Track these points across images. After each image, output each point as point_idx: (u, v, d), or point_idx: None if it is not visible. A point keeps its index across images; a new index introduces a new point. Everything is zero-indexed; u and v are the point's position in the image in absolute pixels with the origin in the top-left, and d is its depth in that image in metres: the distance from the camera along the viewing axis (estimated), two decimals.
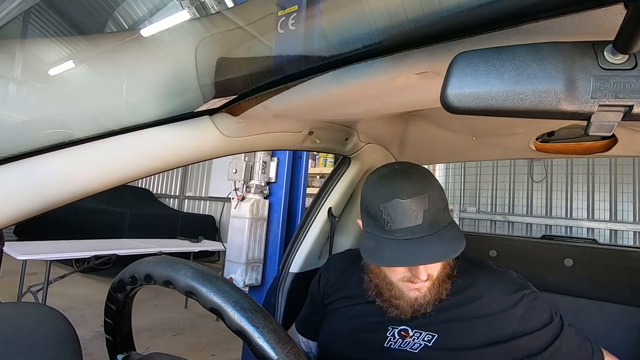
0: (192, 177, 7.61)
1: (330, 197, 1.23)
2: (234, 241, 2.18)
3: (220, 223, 6.37)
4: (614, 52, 0.32)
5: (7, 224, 0.56)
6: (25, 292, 2.91)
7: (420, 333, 0.78)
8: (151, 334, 3.10)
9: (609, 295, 0.92)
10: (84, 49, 1.03)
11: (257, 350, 0.40)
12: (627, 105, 0.32)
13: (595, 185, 3.94)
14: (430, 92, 0.55)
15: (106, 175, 0.63)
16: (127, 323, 0.60)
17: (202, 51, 0.66)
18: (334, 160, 4.08)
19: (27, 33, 4.76)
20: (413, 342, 0.77)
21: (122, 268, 0.54)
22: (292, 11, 0.55)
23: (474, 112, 0.36)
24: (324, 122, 0.94)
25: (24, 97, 1.11)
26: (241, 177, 2.20)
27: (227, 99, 0.64)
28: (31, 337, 0.40)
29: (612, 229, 3.81)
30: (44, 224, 5.41)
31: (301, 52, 0.57)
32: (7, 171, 0.55)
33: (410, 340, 0.78)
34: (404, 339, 0.78)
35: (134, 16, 5.97)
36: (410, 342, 0.78)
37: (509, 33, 0.40)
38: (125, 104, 0.71)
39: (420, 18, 0.43)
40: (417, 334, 0.78)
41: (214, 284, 0.44)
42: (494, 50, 0.35)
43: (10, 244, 3.13)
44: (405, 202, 0.70)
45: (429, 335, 0.77)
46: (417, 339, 0.77)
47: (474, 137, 1.18)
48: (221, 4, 4.28)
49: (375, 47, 0.47)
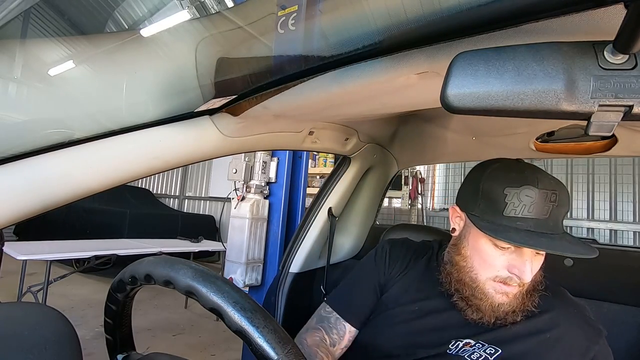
0: (192, 177, 7.61)
1: (330, 197, 1.23)
2: (234, 241, 2.18)
3: (220, 223, 6.37)
4: (614, 52, 0.32)
5: (7, 224, 0.56)
6: (25, 292, 2.91)
7: (483, 345, 0.71)
8: (151, 334, 3.10)
9: (609, 295, 0.92)
10: (84, 49, 1.03)
11: (257, 350, 0.40)
12: (627, 105, 0.32)
13: (595, 185, 3.94)
14: (430, 92, 0.55)
15: (106, 175, 0.63)
16: (127, 323, 0.60)
17: (202, 51, 0.66)
18: (334, 160, 4.08)
19: (27, 33, 4.75)
20: (472, 351, 0.71)
21: (122, 268, 0.54)
22: (292, 11, 0.55)
23: (474, 112, 0.36)
24: (324, 122, 0.94)
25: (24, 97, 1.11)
26: (241, 177, 2.20)
27: (227, 99, 0.64)
28: (31, 337, 0.40)
29: (612, 229, 3.81)
30: (44, 224, 5.41)
31: (301, 52, 0.57)
32: (7, 171, 0.55)
33: (470, 349, 0.71)
34: (465, 347, 0.72)
35: (134, 16, 5.97)
36: (469, 351, 0.71)
37: (509, 33, 0.40)
38: (126, 104, 0.71)
39: (420, 18, 0.43)
40: (479, 346, 0.71)
41: (214, 284, 0.44)
42: (494, 50, 0.35)
43: (10, 244, 3.13)
44: (538, 191, 0.65)
45: (492, 348, 0.70)
46: (478, 350, 0.71)
47: (474, 137, 1.18)
48: (221, 4, 4.28)
49: (375, 47, 0.47)
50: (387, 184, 1.40)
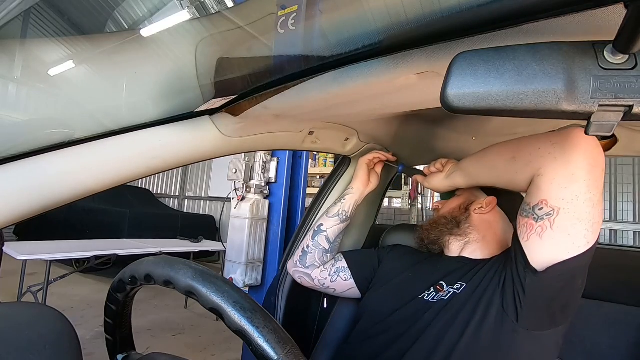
0: (192, 177, 7.60)
1: (330, 197, 1.23)
2: (234, 241, 2.18)
3: (220, 223, 6.37)
4: (614, 52, 0.32)
5: (7, 224, 0.56)
6: (25, 292, 2.90)
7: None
8: (151, 334, 3.10)
9: (609, 295, 0.92)
10: (84, 49, 1.02)
11: (257, 350, 0.40)
12: (627, 105, 0.32)
13: None
14: (430, 92, 0.55)
15: (106, 175, 0.63)
16: (127, 323, 0.60)
17: (202, 51, 0.66)
18: (334, 160, 4.08)
19: (27, 33, 4.75)
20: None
21: (122, 268, 0.54)
22: (292, 11, 0.55)
23: (474, 112, 0.36)
24: (324, 122, 0.94)
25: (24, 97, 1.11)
26: (241, 177, 2.19)
27: (227, 99, 0.64)
28: (31, 337, 0.40)
29: (612, 229, 3.80)
30: (44, 224, 5.40)
31: (301, 52, 0.57)
32: (7, 171, 0.55)
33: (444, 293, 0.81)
34: (438, 292, 0.81)
35: (134, 16, 5.97)
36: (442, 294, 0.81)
37: (509, 33, 0.40)
38: (126, 104, 0.71)
39: (420, 18, 0.43)
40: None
41: (214, 284, 0.44)
42: (494, 50, 0.35)
43: (10, 244, 3.13)
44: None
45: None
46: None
47: (474, 137, 1.18)
48: (221, 4, 4.28)
49: (375, 47, 0.47)
50: (387, 184, 1.40)
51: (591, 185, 0.59)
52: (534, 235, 0.64)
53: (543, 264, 0.63)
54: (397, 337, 0.79)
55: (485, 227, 0.89)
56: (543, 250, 0.64)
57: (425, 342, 0.73)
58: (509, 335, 0.68)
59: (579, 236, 0.61)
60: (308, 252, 1.05)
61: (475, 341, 0.69)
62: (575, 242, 0.61)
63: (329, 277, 1.03)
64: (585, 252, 0.61)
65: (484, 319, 0.70)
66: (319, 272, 1.04)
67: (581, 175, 0.59)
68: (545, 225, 0.62)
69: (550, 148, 0.63)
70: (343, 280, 1.02)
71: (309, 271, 1.04)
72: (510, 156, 0.70)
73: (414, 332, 0.76)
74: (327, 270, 1.04)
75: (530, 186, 0.66)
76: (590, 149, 0.60)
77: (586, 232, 0.61)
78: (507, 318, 0.68)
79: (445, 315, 0.74)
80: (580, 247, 0.61)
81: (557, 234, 0.62)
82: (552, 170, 0.62)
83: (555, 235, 0.62)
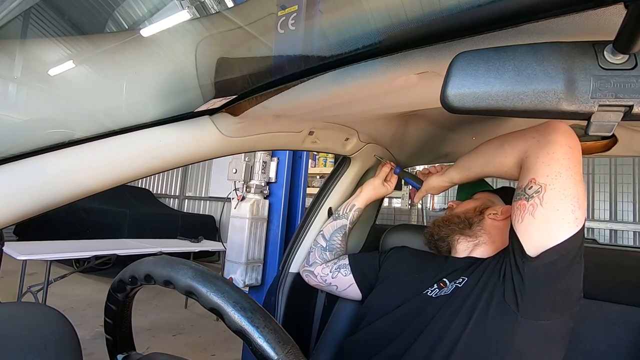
0: (192, 177, 7.60)
1: (330, 197, 1.22)
2: (234, 241, 2.18)
3: (220, 223, 6.36)
4: (614, 52, 0.32)
5: (7, 224, 0.56)
6: (25, 292, 2.90)
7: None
8: (151, 334, 3.10)
9: (609, 295, 0.92)
10: (84, 49, 1.03)
11: (257, 350, 0.40)
12: (627, 105, 0.32)
13: (595, 185, 3.93)
14: (430, 92, 0.55)
15: (106, 175, 0.63)
16: (127, 323, 0.60)
17: (202, 51, 0.66)
18: (334, 160, 4.08)
19: (27, 33, 4.75)
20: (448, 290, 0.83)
21: (122, 268, 0.54)
22: (292, 11, 0.55)
23: (474, 112, 0.36)
24: (324, 122, 0.94)
25: (24, 97, 1.11)
26: (241, 177, 2.19)
27: (227, 99, 0.64)
28: (31, 337, 0.40)
29: (612, 229, 3.80)
30: (44, 224, 5.40)
31: (301, 52, 0.57)
32: (7, 171, 0.55)
33: (446, 289, 0.83)
34: (441, 289, 0.84)
35: (134, 16, 5.97)
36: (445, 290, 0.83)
37: (509, 33, 0.40)
38: (126, 104, 0.71)
39: (420, 18, 0.43)
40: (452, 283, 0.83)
41: (214, 284, 0.44)
42: (494, 50, 0.35)
43: (10, 244, 3.13)
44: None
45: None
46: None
47: (474, 137, 1.18)
48: (221, 4, 4.28)
49: (375, 47, 0.47)
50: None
51: (571, 163, 0.66)
52: (527, 215, 0.68)
53: (537, 247, 0.66)
54: (402, 330, 0.80)
55: (496, 233, 0.90)
56: (536, 230, 0.67)
57: (430, 334, 0.75)
58: (511, 325, 0.69)
59: (567, 211, 0.65)
60: (310, 250, 1.14)
61: (479, 332, 0.71)
62: (565, 217, 0.65)
63: (330, 273, 1.08)
64: (575, 234, 0.65)
65: (486, 310, 0.72)
66: (320, 269, 1.10)
67: (561, 154, 0.67)
68: (536, 202, 0.67)
69: (534, 133, 0.73)
70: (343, 276, 1.07)
71: (312, 268, 1.11)
72: (499, 143, 0.80)
73: (418, 325, 0.78)
74: (328, 267, 1.09)
75: (521, 172, 0.74)
76: (567, 132, 0.69)
77: (572, 207, 0.65)
78: (509, 308, 0.70)
79: (449, 309, 0.76)
80: (570, 224, 0.65)
81: (546, 210, 0.66)
82: (536, 150, 0.70)
83: (545, 212, 0.66)
